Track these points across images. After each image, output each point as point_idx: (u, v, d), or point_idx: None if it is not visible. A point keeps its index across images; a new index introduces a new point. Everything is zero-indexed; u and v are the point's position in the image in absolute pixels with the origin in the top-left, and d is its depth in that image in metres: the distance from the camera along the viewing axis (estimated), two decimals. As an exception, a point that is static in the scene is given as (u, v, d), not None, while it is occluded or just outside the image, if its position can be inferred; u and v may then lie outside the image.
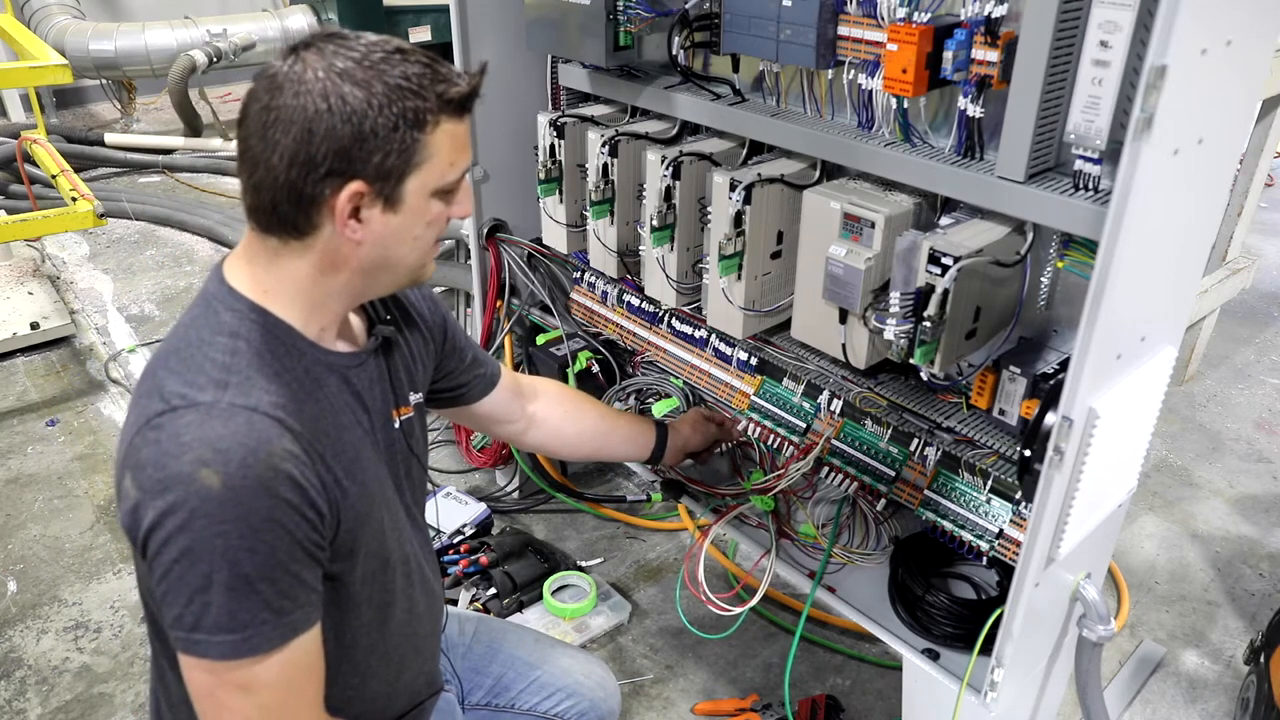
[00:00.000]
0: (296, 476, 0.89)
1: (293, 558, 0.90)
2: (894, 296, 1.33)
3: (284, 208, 0.91)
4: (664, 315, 1.87)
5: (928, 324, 1.29)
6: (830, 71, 1.45)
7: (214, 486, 0.84)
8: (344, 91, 0.87)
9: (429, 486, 2.50)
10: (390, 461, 1.11)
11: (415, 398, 1.17)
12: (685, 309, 1.81)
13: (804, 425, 1.63)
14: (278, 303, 0.96)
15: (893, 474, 1.50)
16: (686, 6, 1.56)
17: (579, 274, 2.05)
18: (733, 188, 1.52)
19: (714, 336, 1.78)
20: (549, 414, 1.49)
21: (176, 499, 0.85)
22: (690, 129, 1.80)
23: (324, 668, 0.98)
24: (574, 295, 2.08)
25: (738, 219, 1.54)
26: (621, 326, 1.97)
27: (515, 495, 2.57)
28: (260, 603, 0.88)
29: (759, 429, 1.69)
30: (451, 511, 2.42)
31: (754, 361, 1.72)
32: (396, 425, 1.12)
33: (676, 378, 1.93)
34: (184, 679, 0.92)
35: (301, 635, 0.92)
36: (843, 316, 1.46)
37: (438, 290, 3.01)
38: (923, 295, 1.30)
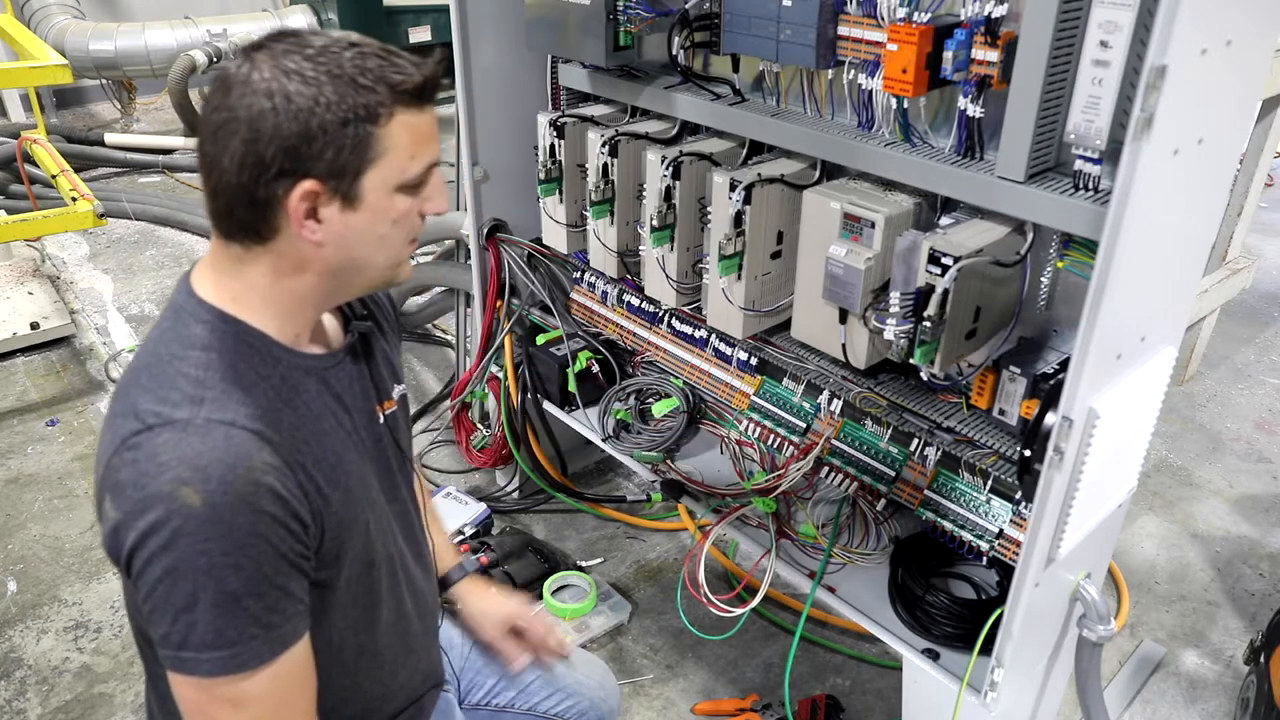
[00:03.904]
0: (278, 489, 0.88)
1: (278, 571, 0.89)
2: (894, 296, 1.33)
3: (240, 211, 0.89)
4: (664, 315, 1.87)
5: (928, 324, 1.29)
6: (830, 71, 1.46)
7: (195, 505, 0.83)
8: (289, 89, 0.85)
9: (431, 486, 2.51)
10: (378, 459, 1.09)
11: (399, 390, 1.16)
12: (685, 309, 1.81)
13: (804, 425, 1.63)
14: (248, 310, 0.94)
15: (893, 474, 1.50)
16: (686, 6, 1.56)
17: (579, 274, 2.05)
18: (733, 188, 1.52)
19: (714, 336, 1.78)
20: None
21: (158, 518, 0.84)
22: (690, 129, 1.80)
23: (315, 677, 0.98)
24: (574, 295, 2.08)
25: (738, 219, 1.54)
26: (621, 326, 1.97)
27: (515, 495, 2.57)
28: (248, 619, 0.87)
29: (759, 429, 1.69)
30: (451, 511, 2.42)
31: (754, 361, 1.72)
32: (381, 420, 1.10)
33: (676, 378, 1.93)
34: (174, 695, 0.92)
35: (291, 648, 0.92)
36: (843, 316, 1.46)
37: (438, 290, 3.02)
38: (923, 295, 1.30)
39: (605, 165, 1.77)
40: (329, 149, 0.86)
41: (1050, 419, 1.17)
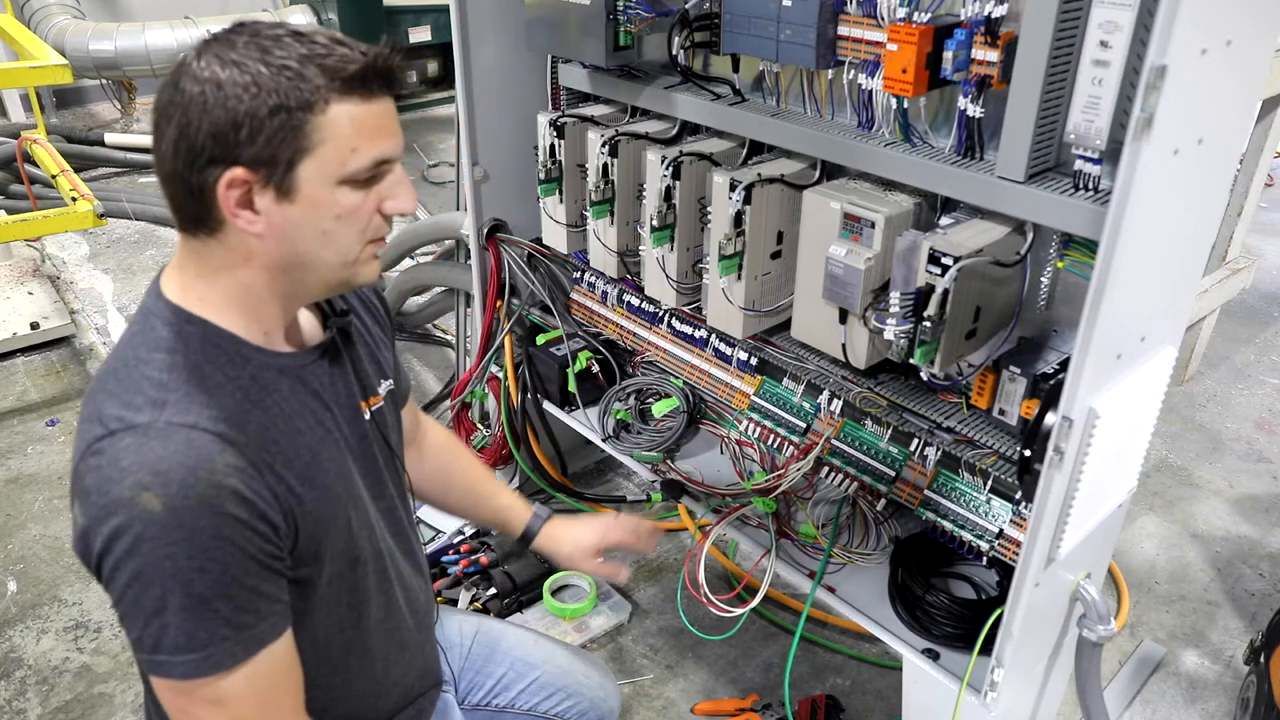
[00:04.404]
0: (243, 491, 0.87)
1: (248, 572, 0.88)
2: (894, 296, 1.33)
3: (182, 200, 0.89)
4: (664, 315, 1.87)
5: (928, 324, 1.29)
6: (830, 71, 1.45)
7: (156, 509, 0.83)
8: (222, 77, 0.85)
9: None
10: (363, 455, 1.08)
11: (386, 385, 1.15)
12: (685, 309, 1.81)
13: (804, 425, 1.63)
14: (214, 310, 0.94)
15: (893, 474, 1.50)
16: (686, 6, 1.56)
17: (579, 274, 2.05)
18: (733, 188, 1.52)
19: (714, 336, 1.78)
20: (430, 453, 1.40)
21: (121, 524, 0.83)
22: (690, 129, 1.80)
23: (301, 674, 0.97)
24: (574, 295, 2.08)
25: (738, 219, 1.54)
26: (621, 326, 1.97)
27: (515, 495, 2.57)
28: (219, 620, 0.87)
29: (759, 429, 1.69)
30: (451, 511, 2.42)
31: (754, 361, 1.72)
32: (367, 417, 1.09)
33: (676, 378, 1.93)
34: (158, 698, 0.92)
35: (269, 646, 0.91)
36: (843, 316, 1.46)
37: (438, 290, 3.01)
38: (923, 295, 1.30)
39: (605, 165, 1.77)
40: (258, 136, 0.85)
41: (1050, 419, 1.17)
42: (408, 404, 1.36)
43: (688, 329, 1.83)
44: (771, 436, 1.67)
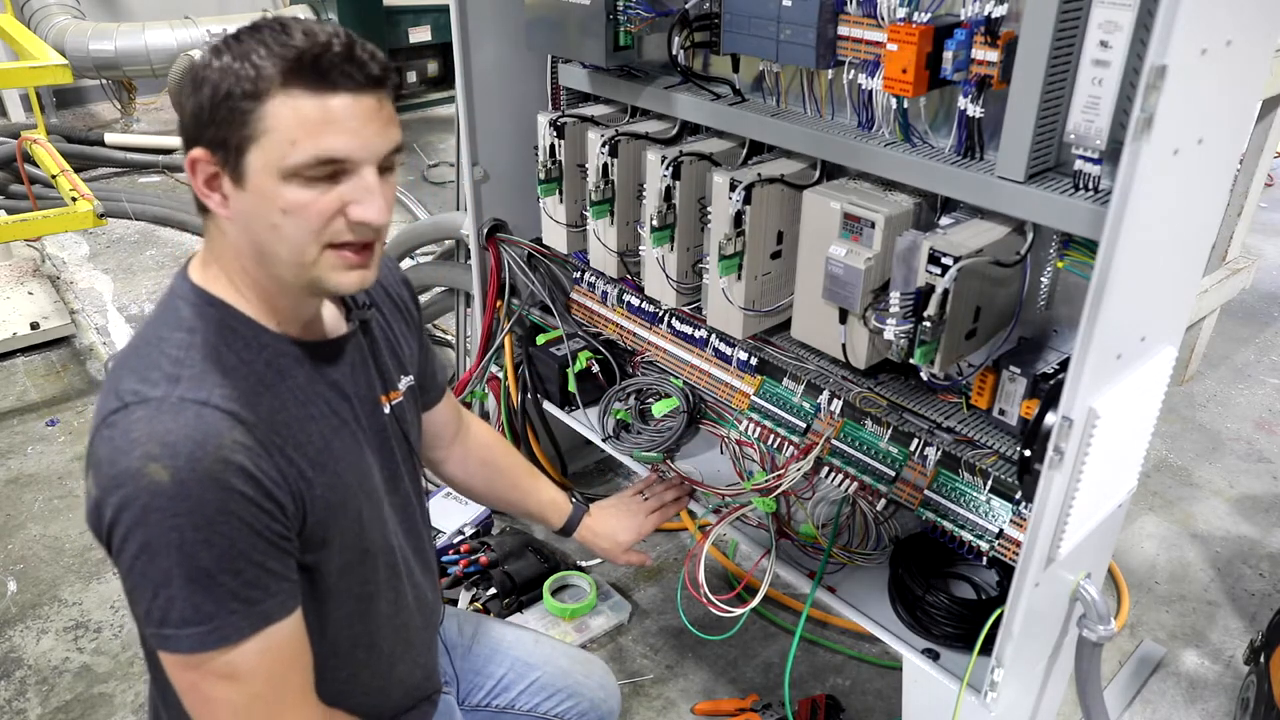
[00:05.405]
0: (250, 468, 0.89)
1: (254, 548, 0.89)
2: (894, 296, 1.33)
3: (186, 177, 0.94)
4: (664, 315, 1.87)
5: (928, 324, 1.29)
6: (830, 71, 1.45)
7: (163, 481, 0.84)
8: (199, 62, 0.90)
9: (431, 486, 2.51)
10: (382, 450, 1.09)
11: (406, 381, 1.16)
12: (685, 309, 1.81)
13: (804, 425, 1.63)
14: (233, 293, 0.96)
15: (893, 474, 1.50)
16: (686, 6, 1.56)
17: (579, 274, 2.05)
18: (733, 188, 1.52)
19: (714, 336, 1.78)
20: (474, 449, 1.45)
21: (129, 495, 0.85)
22: (690, 129, 1.80)
23: (311, 656, 0.98)
24: (574, 295, 2.08)
25: (738, 219, 1.54)
26: (621, 326, 1.97)
27: (515, 495, 2.57)
28: (225, 594, 0.88)
29: (759, 429, 1.69)
30: (451, 511, 2.42)
31: (754, 361, 1.72)
32: (386, 410, 1.10)
33: (676, 378, 1.93)
34: (169, 678, 0.92)
35: (277, 623, 0.92)
36: (843, 316, 1.46)
37: (438, 290, 3.02)
38: (923, 295, 1.30)
39: (605, 165, 1.77)
40: (214, 120, 0.88)
41: (1050, 419, 1.17)
42: (447, 400, 1.38)
43: (688, 329, 1.83)
44: (771, 436, 1.67)
